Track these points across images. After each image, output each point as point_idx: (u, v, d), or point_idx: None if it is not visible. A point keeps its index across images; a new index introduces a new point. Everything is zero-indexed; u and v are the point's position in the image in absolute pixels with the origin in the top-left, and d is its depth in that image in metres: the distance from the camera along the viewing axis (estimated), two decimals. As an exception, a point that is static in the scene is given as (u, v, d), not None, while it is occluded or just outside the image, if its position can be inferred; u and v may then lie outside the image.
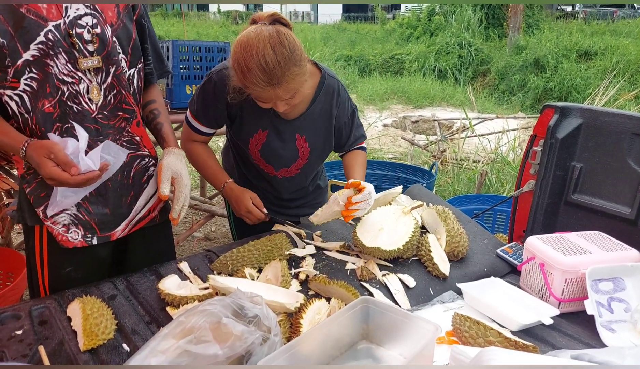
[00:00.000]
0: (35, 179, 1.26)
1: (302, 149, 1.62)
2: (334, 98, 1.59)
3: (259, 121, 1.54)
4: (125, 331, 1.08)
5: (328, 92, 1.58)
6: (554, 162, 1.53)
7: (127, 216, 1.39)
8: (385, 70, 12.50)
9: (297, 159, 1.64)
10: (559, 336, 1.16)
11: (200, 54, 2.81)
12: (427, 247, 1.42)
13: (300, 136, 1.59)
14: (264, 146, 1.58)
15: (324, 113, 1.60)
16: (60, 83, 1.19)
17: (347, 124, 1.68)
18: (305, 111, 1.57)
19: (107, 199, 1.33)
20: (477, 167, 4.76)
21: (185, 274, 1.31)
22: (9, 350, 0.99)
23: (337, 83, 1.60)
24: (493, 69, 11.18)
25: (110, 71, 1.27)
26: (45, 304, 1.15)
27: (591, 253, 1.28)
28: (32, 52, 1.14)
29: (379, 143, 6.65)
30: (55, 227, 1.28)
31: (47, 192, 1.25)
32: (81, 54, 1.20)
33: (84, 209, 1.30)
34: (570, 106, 1.53)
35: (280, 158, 1.62)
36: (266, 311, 0.92)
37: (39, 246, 1.32)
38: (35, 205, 1.27)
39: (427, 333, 0.95)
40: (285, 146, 1.59)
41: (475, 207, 2.93)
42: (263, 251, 1.34)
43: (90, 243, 1.33)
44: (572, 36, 11.33)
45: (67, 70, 1.19)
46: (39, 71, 1.16)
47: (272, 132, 1.56)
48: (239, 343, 0.86)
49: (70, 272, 1.34)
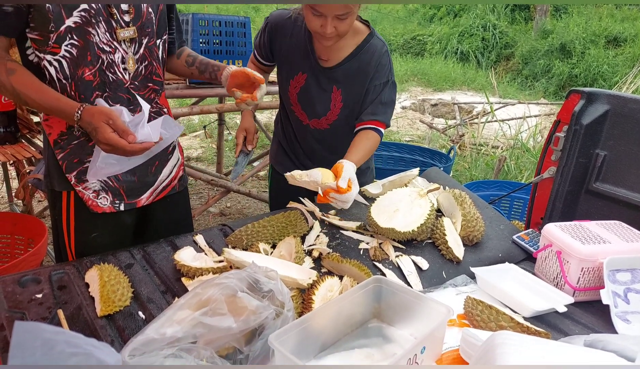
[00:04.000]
0: (69, 145, 1.29)
1: (335, 102, 1.66)
2: (375, 58, 1.59)
3: (301, 63, 1.63)
4: (141, 299, 1.10)
5: (370, 51, 1.59)
6: (577, 149, 1.49)
7: (153, 184, 1.45)
8: (406, 51, 12.27)
9: (329, 112, 1.68)
10: (572, 324, 1.15)
11: (220, 28, 2.79)
12: (442, 231, 1.41)
13: (337, 88, 1.64)
14: (301, 89, 1.66)
15: (362, 72, 1.60)
16: (101, 52, 1.22)
17: (375, 91, 1.61)
18: (343, 62, 1.60)
19: (136, 168, 1.37)
20: (496, 153, 4.69)
21: (200, 247, 1.33)
22: (30, 312, 1.02)
23: (384, 46, 1.61)
24: (517, 53, 10.88)
25: (143, 42, 1.30)
26: (65, 270, 1.18)
27: (610, 243, 1.26)
28: (74, 18, 1.16)
29: (396, 125, 6.59)
30: (86, 192, 1.33)
31: (81, 158, 1.30)
32: (118, 24, 1.23)
33: (113, 176, 1.35)
34: (597, 91, 1.49)
35: (314, 106, 1.67)
36: (280, 286, 0.93)
37: (65, 212, 1.35)
38: (67, 171, 1.30)
39: (438, 314, 0.95)
40: (321, 94, 1.65)
41: (492, 193, 2.89)
42: (278, 227, 1.35)
43: (117, 209, 1.38)
44: (602, 21, 10.93)
45: (106, 40, 1.22)
46: (80, 38, 1.18)
47: (311, 77, 1.64)
48: (253, 317, 0.87)
49: (96, 237, 1.38)
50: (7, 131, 2.16)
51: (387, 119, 1.65)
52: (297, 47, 1.63)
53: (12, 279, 1.10)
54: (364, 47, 1.60)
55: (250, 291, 0.91)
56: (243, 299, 0.88)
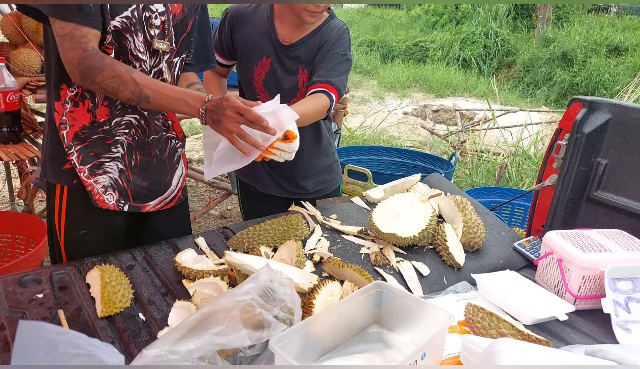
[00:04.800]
0: (89, 138, 1.31)
1: (303, 81, 1.66)
2: (335, 34, 1.63)
3: (264, 46, 1.64)
4: (142, 300, 1.10)
5: (330, 28, 1.64)
6: (579, 157, 1.50)
7: (163, 193, 1.46)
8: (408, 58, 12.31)
9: (298, 92, 1.67)
10: (573, 332, 1.15)
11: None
12: (443, 237, 1.41)
13: (302, 69, 1.65)
14: (267, 75, 1.66)
15: (322, 47, 1.63)
16: (134, 59, 1.26)
17: (331, 59, 1.59)
18: (305, 39, 1.63)
19: (149, 174, 1.41)
20: (497, 160, 4.69)
21: (201, 249, 1.33)
22: (30, 312, 1.02)
23: (344, 26, 1.66)
24: (519, 60, 10.91)
25: (164, 58, 1.34)
26: (66, 271, 1.18)
27: (611, 251, 1.26)
28: (115, 23, 1.20)
29: (398, 131, 6.60)
30: (96, 186, 1.34)
31: (97, 152, 1.32)
32: (154, 35, 1.28)
33: (125, 176, 1.37)
34: (599, 100, 1.49)
35: (282, 89, 1.64)
36: (292, 294, 0.92)
37: (58, 205, 1.36)
38: (82, 163, 1.31)
39: (439, 320, 0.95)
40: (287, 77, 1.66)
41: (493, 200, 2.90)
42: (279, 230, 1.35)
43: (121, 209, 1.38)
44: (603, 30, 10.97)
45: (142, 49, 1.27)
46: (117, 41, 1.22)
47: (275, 61, 1.65)
48: (266, 333, 0.85)
49: (85, 235, 1.38)
50: (10, 130, 2.16)
51: (340, 86, 1.58)
52: (259, 31, 1.65)
53: (13, 279, 1.11)
54: (324, 26, 1.65)
55: (264, 300, 0.90)
56: (259, 316, 0.86)
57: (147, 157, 1.39)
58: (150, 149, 1.39)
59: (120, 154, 1.35)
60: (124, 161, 1.36)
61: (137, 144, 1.37)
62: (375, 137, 5.77)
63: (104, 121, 1.30)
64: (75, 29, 1.12)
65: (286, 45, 1.64)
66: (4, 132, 2.16)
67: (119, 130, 1.33)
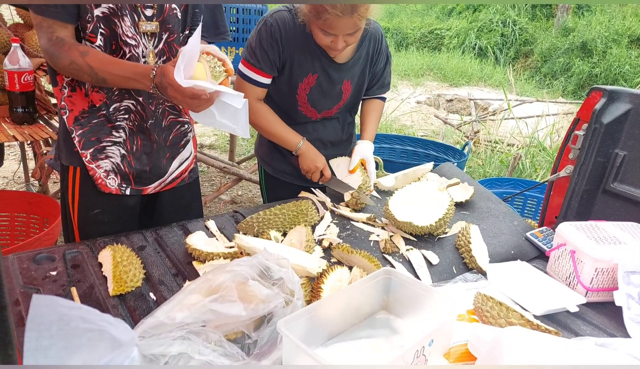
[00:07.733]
0: (89, 123, 1.33)
1: (346, 92, 1.71)
2: (377, 43, 1.69)
3: (310, 65, 1.60)
4: (153, 281, 1.12)
5: (372, 37, 1.66)
6: (596, 148, 1.47)
7: (163, 176, 1.48)
8: (422, 45, 12.15)
9: (340, 101, 1.72)
10: (583, 324, 1.14)
11: (237, 15, 2.79)
12: (467, 238, 1.37)
13: (347, 80, 1.68)
14: (312, 89, 1.65)
15: (367, 57, 1.68)
16: (124, 44, 1.25)
17: (380, 71, 1.77)
18: (353, 56, 1.64)
19: (151, 158, 1.42)
20: (511, 151, 4.63)
21: (212, 232, 1.34)
22: (44, 289, 1.04)
23: (380, 29, 1.71)
24: (536, 50, 10.70)
25: (164, 37, 1.32)
26: (79, 249, 1.19)
27: (626, 244, 1.23)
28: (102, 9, 1.20)
29: (410, 120, 6.54)
30: (98, 171, 1.36)
31: (99, 136, 1.34)
32: (140, 18, 1.26)
33: (127, 161, 1.39)
34: (620, 89, 1.45)
35: (325, 101, 1.70)
36: (291, 274, 0.93)
37: (71, 186, 1.39)
38: (83, 148, 1.33)
39: (447, 308, 0.94)
40: (332, 89, 1.67)
41: (506, 190, 2.86)
42: (289, 215, 1.35)
43: (123, 193, 1.41)
44: (626, 20, 10.68)
45: (131, 33, 1.25)
46: (107, 27, 1.22)
47: (322, 76, 1.63)
48: (262, 305, 0.87)
49: (98, 214, 1.40)
50: (25, 111, 2.19)
51: (389, 82, 1.85)
52: (306, 49, 1.56)
53: (27, 256, 1.12)
54: (367, 34, 1.64)
55: (261, 278, 0.92)
56: (253, 288, 0.88)
57: (148, 142, 1.40)
58: (149, 134, 1.40)
59: (122, 139, 1.36)
60: (126, 146, 1.37)
61: (137, 128, 1.38)
62: (387, 126, 5.72)
63: (101, 105, 1.31)
64: (43, 20, 1.18)
65: (339, 63, 1.62)
66: (18, 113, 2.19)
67: (119, 115, 1.34)
